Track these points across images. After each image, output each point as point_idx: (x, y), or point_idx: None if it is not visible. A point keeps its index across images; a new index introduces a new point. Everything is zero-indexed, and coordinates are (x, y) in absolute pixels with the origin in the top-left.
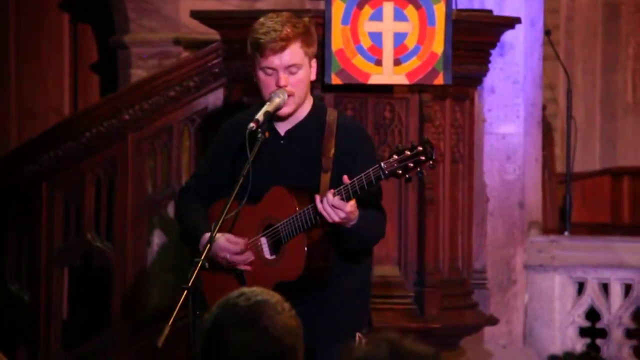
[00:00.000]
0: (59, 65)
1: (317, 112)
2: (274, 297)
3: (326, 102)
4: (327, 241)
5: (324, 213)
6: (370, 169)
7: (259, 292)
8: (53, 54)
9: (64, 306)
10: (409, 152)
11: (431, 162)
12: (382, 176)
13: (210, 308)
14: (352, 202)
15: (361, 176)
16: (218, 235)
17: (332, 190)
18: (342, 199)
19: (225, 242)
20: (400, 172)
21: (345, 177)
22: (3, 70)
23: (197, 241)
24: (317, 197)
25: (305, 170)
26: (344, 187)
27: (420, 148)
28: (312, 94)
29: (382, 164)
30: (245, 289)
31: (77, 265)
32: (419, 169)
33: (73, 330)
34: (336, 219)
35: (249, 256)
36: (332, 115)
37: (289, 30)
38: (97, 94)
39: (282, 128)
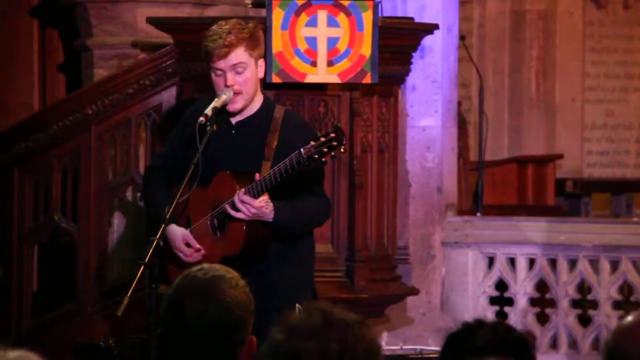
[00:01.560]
0: (29, 65)
1: (266, 107)
2: (231, 273)
3: (272, 100)
4: (266, 222)
5: (239, 215)
6: (293, 154)
7: (217, 268)
8: (24, 55)
9: (34, 279)
10: (323, 139)
11: (342, 146)
12: (302, 160)
13: (172, 280)
14: (262, 198)
15: (280, 165)
16: (177, 230)
17: (243, 189)
18: (252, 195)
19: (181, 245)
20: (317, 156)
21: (256, 175)
22: None
23: (156, 218)
24: (236, 197)
25: (251, 158)
26: (253, 185)
27: (333, 135)
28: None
29: (302, 150)
30: (205, 265)
31: (46, 243)
32: (333, 153)
33: (42, 301)
34: (248, 213)
35: (200, 255)
36: (279, 111)
37: (232, 37)
38: (63, 91)
39: (234, 119)
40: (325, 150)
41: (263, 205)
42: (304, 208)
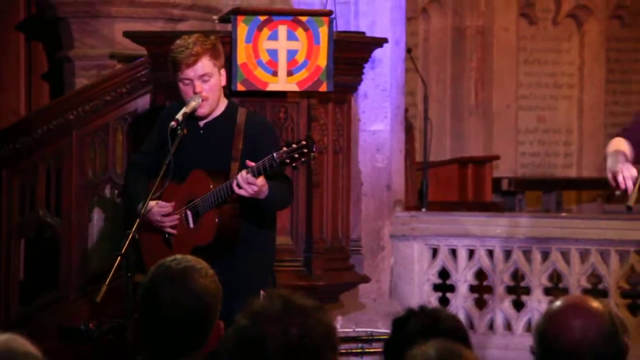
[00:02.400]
0: (17, 75)
1: (231, 110)
2: (201, 264)
3: (235, 103)
4: (235, 215)
5: (241, 192)
6: (266, 158)
7: (189, 259)
8: (12, 66)
9: (21, 270)
10: (295, 146)
11: (312, 154)
12: (274, 164)
13: (147, 269)
14: (262, 178)
15: (259, 163)
16: (151, 203)
17: (245, 170)
18: (253, 176)
19: (156, 207)
20: (288, 161)
21: (249, 162)
22: None
23: (134, 209)
24: (234, 181)
25: (220, 157)
26: (253, 167)
27: (304, 143)
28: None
29: (274, 154)
30: (179, 256)
31: (32, 236)
32: (303, 159)
33: (28, 290)
34: (251, 191)
35: (174, 218)
36: (242, 114)
37: (198, 47)
38: (47, 98)
39: (202, 122)
40: (296, 156)
41: (264, 184)
42: (281, 190)
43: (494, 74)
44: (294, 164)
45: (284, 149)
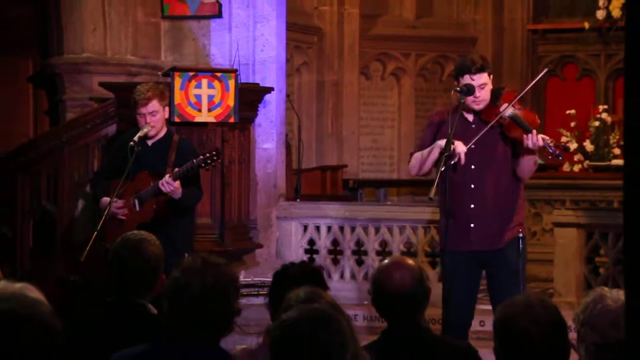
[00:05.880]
0: (27, 111)
1: (169, 135)
2: (151, 236)
3: (172, 130)
4: (167, 203)
5: (163, 187)
6: (188, 162)
7: (143, 233)
8: (23, 105)
9: (30, 239)
10: (208, 155)
11: (218, 161)
12: (194, 167)
13: (109, 239)
14: (177, 182)
15: (183, 167)
16: (108, 200)
17: (168, 174)
18: (173, 178)
19: (115, 206)
20: (203, 165)
21: (171, 169)
22: None
23: (99, 203)
24: (162, 180)
25: (160, 165)
26: (176, 172)
27: (214, 153)
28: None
29: (194, 161)
30: (135, 231)
31: (37, 218)
32: (213, 165)
33: (35, 253)
34: (169, 189)
35: (124, 212)
36: (176, 137)
37: (150, 93)
38: (48, 126)
39: (150, 141)
40: (209, 162)
41: (178, 187)
42: (192, 194)
43: (344, 111)
44: (207, 168)
45: (200, 157)
